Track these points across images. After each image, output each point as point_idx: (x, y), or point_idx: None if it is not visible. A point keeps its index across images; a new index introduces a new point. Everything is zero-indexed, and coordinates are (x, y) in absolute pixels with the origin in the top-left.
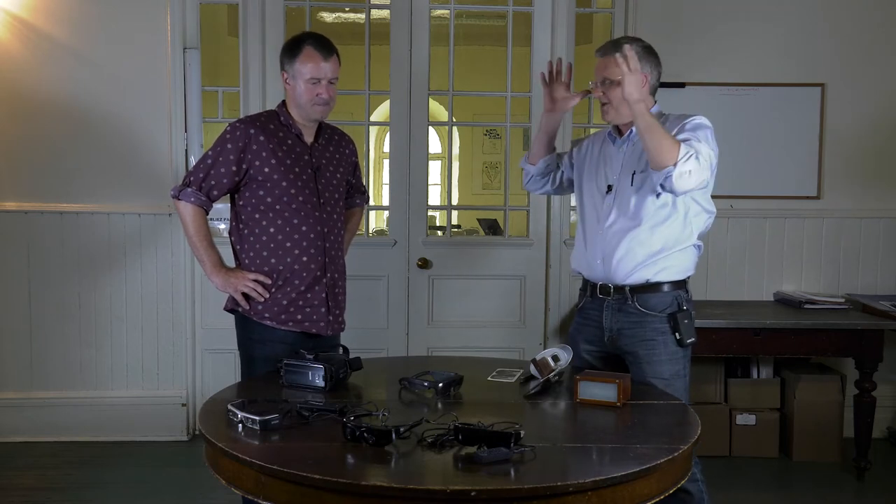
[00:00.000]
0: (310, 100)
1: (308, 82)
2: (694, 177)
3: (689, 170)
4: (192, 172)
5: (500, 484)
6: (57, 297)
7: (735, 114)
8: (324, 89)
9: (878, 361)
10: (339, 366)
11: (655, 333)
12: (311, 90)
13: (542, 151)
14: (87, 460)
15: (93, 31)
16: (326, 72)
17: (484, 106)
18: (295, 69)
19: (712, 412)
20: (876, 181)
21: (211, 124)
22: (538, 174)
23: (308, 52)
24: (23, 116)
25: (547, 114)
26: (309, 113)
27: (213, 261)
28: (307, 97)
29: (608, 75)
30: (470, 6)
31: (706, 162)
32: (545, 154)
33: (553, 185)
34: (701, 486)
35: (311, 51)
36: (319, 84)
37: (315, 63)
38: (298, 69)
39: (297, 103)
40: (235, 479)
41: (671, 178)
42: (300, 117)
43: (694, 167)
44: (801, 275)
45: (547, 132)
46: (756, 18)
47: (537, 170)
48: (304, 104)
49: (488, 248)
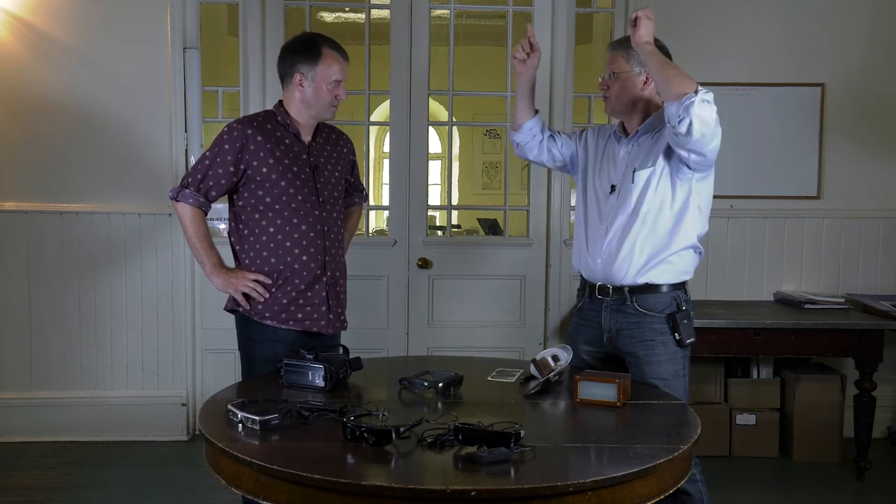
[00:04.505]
0: (330, 101)
1: (331, 84)
2: (714, 111)
3: (709, 99)
4: (190, 173)
5: (500, 484)
6: (57, 297)
7: (735, 114)
8: (342, 91)
9: (878, 361)
10: (339, 366)
11: (654, 334)
12: (332, 92)
13: (523, 115)
14: (87, 460)
15: (93, 31)
16: (346, 73)
17: (484, 106)
18: (317, 72)
19: (712, 412)
20: (876, 181)
21: (211, 124)
22: (524, 141)
23: (331, 54)
24: (23, 116)
25: (519, 76)
26: (323, 114)
27: (212, 261)
28: (328, 99)
29: (614, 69)
30: (470, 6)
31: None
32: (527, 117)
33: (548, 155)
34: (700, 487)
35: (333, 53)
36: (339, 86)
37: (340, 66)
38: (322, 72)
39: (311, 104)
40: (235, 479)
41: (693, 103)
42: (307, 117)
43: (711, 99)
44: (801, 275)
45: (524, 92)
46: (756, 18)
47: (522, 137)
48: (322, 106)
49: (488, 248)
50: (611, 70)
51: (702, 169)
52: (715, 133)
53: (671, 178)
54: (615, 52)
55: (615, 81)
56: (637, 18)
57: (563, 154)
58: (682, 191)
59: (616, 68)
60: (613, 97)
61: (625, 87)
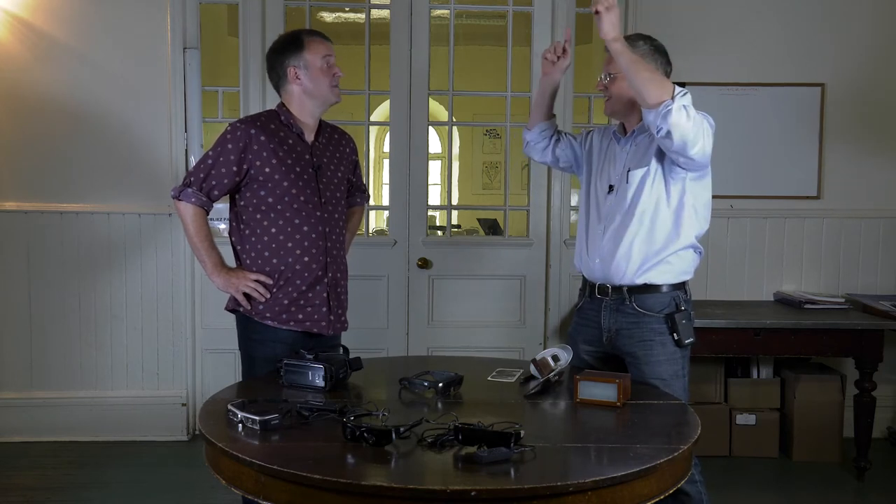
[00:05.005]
0: (330, 82)
1: (323, 63)
2: (691, 117)
3: (686, 104)
4: (192, 173)
5: (500, 484)
6: (57, 297)
7: (735, 114)
8: (337, 68)
9: (878, 361)
10: (339, 366)
11: (653, 334)
12: (328, 71)
13: (539, 117)
14: (87, 460)
15: (93, 31)
16: (332, 50)
17: (484, 106)
18: (306, 59)
19: (712, 412)
20: (876, 181)
21: (211, 124)
22: (534, 141)
23: (312, 39)
24: (23, 116)
25: (545, 77)
26: (329, 97)
27: (213, 261)
28: (327, 79)
29: (611, 69)
30: (470, 6)
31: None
32: (543, 119)
33: (552, 157)
34: (700, 488)
35: (313, 37)
36: (332, 64)
37: (324, 44)
38: (311, 57)
39: (312, 92)
40: (235, 479)
41: (670, 111)
42: (313, 109)
43: (689, 103)
44: (801, 275)
45: (545, 94)
46: (756, 18)
47: (532, 136)
48: (325, 89)
49: (488, 248)
50: (608, 71)
51: (694, 169)
52: (698, 136)
53: (665, 178)
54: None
55: (612, 82)
56: (597, 12)
57: (567, 156)
58: (676, 190)
59: (613, 69)
60: (612, 98)
61: (623, 88)
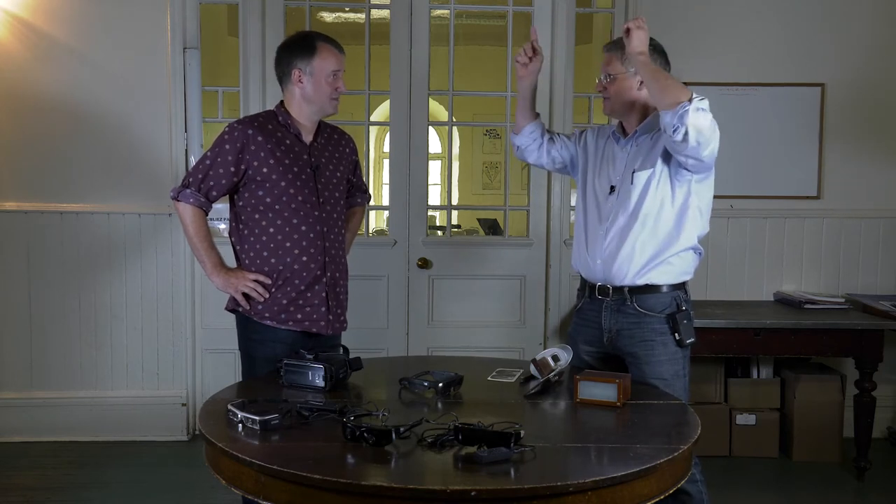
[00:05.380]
0: (330, 94)
1: (329, 76)
2: (708, 118)
3: (704, 107)
4: (191, 173)
5: (500, 484)
6: (57, 297)
7: (735, 114)
8: (341, 83)
9: (878, 361)
10: (339, 366)
11: (654, 334)
12: (332, 84)
13: (524, 119)
14: (87, 460)
15: (93, 31)
16: (343, 64)
17: (484, 106)
18: (314, 66)
19: (712, 412)
20: (876, 181)
21: (211, 124)
22: (524, 145)
23: (326, 47)
24: (23, 116)
25: (521, 80)
26: (326, 108)
27: (213, 261)
28: (328, 91)
29: (610, 70)
30: (470, 6)
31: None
32: (528, 121)
33: (547, 158)
34: (700, 487)
35: (328, 46)
36: (338, 78)
37: (336, 57)
38: (320, 65)
39: (311, 99)
40: (235, 479)
41: (688, 112)
42: (310, 114)
43: (706, 107)
44: (801, 275)
45: (525, 97)
46: (756, 18)
47: (523, 140)
48: (324, 100)
49: (488, 248)
50: (606, 72)
51: (700, 171)
52: (711, 138)
53: (670, 180)
54: (610, 53)
55: (611, 83)
56: (629, 30)
57: (563, 156)
58: (681, 192)
59: (612, 70)
60: (611, 98)
61: (621, 89)
